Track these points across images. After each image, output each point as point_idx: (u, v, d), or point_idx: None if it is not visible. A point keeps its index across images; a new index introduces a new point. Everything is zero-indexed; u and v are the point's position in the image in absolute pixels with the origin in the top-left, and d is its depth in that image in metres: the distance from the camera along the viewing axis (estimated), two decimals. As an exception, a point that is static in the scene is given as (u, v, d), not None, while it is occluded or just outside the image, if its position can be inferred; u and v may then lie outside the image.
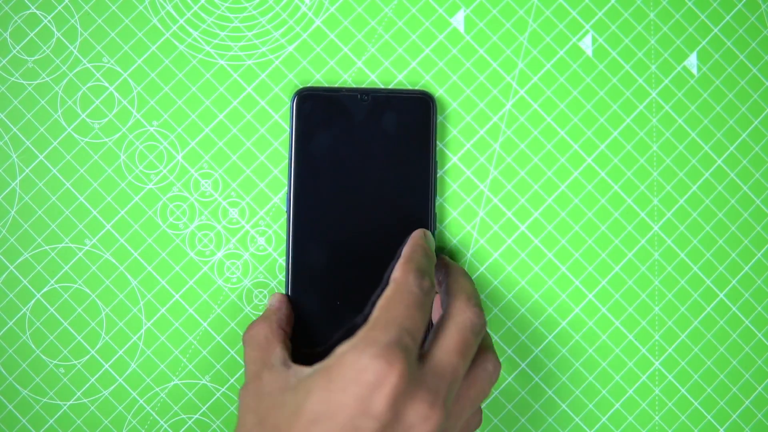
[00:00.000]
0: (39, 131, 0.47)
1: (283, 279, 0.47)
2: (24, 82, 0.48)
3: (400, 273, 0.40)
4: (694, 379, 0.48)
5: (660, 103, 0.48)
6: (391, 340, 0.35)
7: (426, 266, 0.40)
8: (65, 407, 0.47)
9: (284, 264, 0.47)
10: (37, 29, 0.48)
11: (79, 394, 0.47)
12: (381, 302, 0.38)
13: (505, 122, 0.48)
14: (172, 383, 0.47)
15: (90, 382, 0.47)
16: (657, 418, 0.48)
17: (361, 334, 0.36)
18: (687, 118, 0.48)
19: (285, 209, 0.47)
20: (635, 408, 0.48)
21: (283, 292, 0.47)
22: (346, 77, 0.48)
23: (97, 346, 0.47)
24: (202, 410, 0.47)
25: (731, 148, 0.48)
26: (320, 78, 0.48)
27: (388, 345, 0.35)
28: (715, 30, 0.49)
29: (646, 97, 0.48)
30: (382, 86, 0.48)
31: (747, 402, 0.48)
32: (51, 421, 0.47)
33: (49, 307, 0.47)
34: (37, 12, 0.48)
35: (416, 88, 0.48)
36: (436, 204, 0.47)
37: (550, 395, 0.48)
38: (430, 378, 0.36)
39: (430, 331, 0.40)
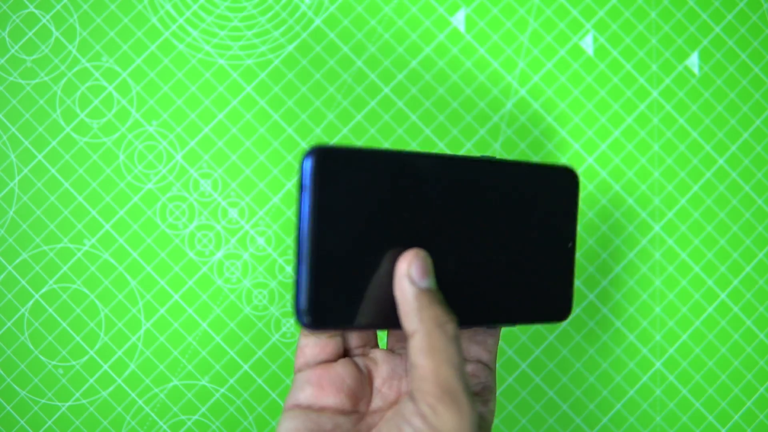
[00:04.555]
0: (38, 131, 0.47)
1: (283, 280, 0.47)
2: (22, 82, 0.47)
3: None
4: (695, 379, 0.48)
5: (661, 103, 0.48)
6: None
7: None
8: (64, 408, 0.47)
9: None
10: (36, 28, 0.47)
11: (78, 394, 0.47)
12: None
13: (505, 122, 0.48)
14: (171, 384, 0.47)
15: (89, 383, 0.47)
16: (658, 419, 0.47)
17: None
18: (688, 117, 0.48)
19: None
20: (636, 409, 0.47)
21: (285, 293, 0.47)
22: (345, 77, 0.48)
23: (96, 347, 0.47)
24: (201, 411, 0.47)
25: (733, 148, 0.48)
26: (320, 77, 0.48)
27: None
28: (717, 29, 0.48)
29: (647, 97, 0.48)
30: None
31: (749, 403, 0.48)
32: (50, 422, 0.47)
33: (47, 307, 0.47)
34: (36, 11, 0.48)
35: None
36: None
37: (551, 396, 0.47)
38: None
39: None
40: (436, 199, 0.37)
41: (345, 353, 0.38)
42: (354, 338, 0.38)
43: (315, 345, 0.37)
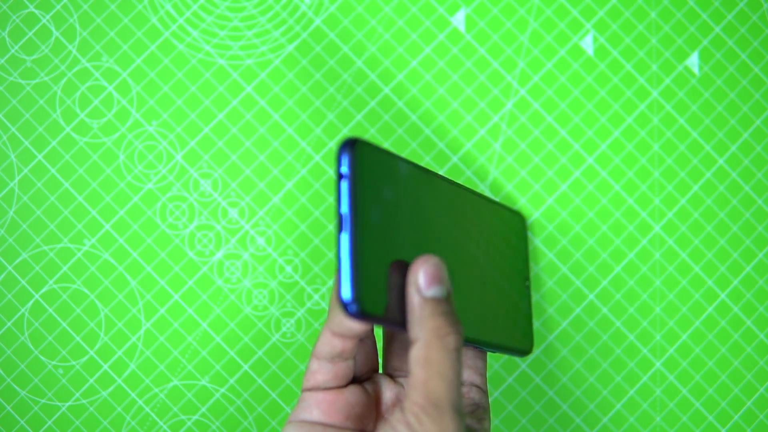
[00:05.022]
0: (38, 131, 0.47)
1: (283, 280, 0.47)
2: (22, 82, 0.47)
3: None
4: (695, 380, 0.48)
5: (661, 103, 0.48)
6: None
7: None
8: (64, 408, 0.47)
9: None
10: (36, 28, 0.47)
11: (78, 395, 0.47)
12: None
13: (505, 122, 0.48)
14: (171, 384, 0.47)
15: (89, 383, 0.47)
16: (658, 419, 0.47)
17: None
18: (688, 117, 0.48)
19: None
20: (636, 409, 0.47)
21: (285, 296, 0.47)
22: (346, 77, 0.48)
23: (96, 347, 0.47)
24: (201, 411, 0.47)
25: (733, 148, 0.48)
26: (320, 78, 0.48)
27: None
28: (717, 29, 0.48)
29: (647, 97, 0.48)
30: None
31: (749, 403, 0.48)
32: (50, 422, 0.47)
33: (47, 307, 0.47)
34: (36, 11, 0.48)
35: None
36: None
37: (550, 396, 0.47)
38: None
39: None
40: (441, 215, 0.38)
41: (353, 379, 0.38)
42: (360, 364, 0.38)
43: (328, 371, 0.36)
